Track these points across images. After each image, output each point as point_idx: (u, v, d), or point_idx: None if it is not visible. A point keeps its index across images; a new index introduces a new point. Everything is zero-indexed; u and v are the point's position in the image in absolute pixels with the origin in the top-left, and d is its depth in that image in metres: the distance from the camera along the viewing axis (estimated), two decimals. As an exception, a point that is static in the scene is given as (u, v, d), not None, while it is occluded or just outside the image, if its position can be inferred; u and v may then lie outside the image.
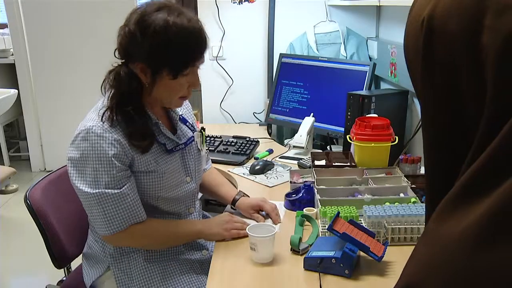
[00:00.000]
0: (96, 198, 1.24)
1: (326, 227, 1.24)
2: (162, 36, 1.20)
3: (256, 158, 2.05)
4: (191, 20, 1.25)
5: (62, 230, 1.50)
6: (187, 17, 1.25)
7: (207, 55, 3.07)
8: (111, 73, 1.29)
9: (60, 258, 1.48)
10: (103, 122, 1.24)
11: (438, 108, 0.48)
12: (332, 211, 1.34)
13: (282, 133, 2.62)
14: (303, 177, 1.70)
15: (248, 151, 2.07)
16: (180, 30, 1.22)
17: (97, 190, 1.23)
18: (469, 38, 0.43)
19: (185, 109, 1.55)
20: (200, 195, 2.03)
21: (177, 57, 1.24)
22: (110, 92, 1.28)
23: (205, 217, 1.61)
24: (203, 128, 1.53)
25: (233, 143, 2.15)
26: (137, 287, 1.33)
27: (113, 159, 1.23)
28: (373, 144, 1.66)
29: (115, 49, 1.28)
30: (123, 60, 1.29)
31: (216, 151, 2.10)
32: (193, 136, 1.47)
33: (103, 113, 1.26)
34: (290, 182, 1.64)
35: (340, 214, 1.29)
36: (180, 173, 1.41)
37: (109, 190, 1.24)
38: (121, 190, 1.25)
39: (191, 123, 1.52)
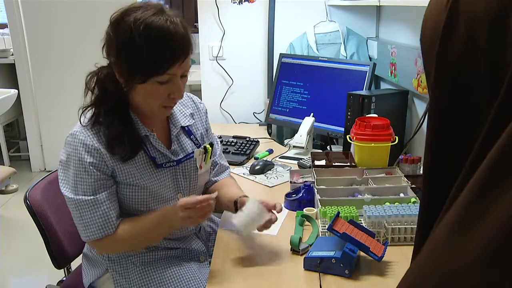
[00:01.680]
0: (75, 203, 1.24)
1: (326, 227, 1.24)
2: (128, 35, 1.13)
3: (256, 158, 2.05)
4: (169, 21, 1.14)
5: (62, 231, 1.50)
6: (166, 18, 1.15)
7: (207, 54, 3.06)
8: (91, 75, 1.27)
9: (60, 258, 1.48)
10: (85, 127, 1.23)
11: (451, 96, 0.46)
12: (332, 211, 1.34)
13: (282, 133, 2.62)
14: (303, 177, 1.70)
15: (248, 151, 2.07)
16: (149, 30, 1.13)
17: (75, 196, 1.24)
18: (495, 18, 0.41)
19: (197, 118, 1.47)
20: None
21: (144, 59, 1.14)
22: (91, 96, 1.26)
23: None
24: (211, 144, 1.43)
25: (233, 143, 2.15)
26: None
27: (90, 167, 1.22)
28: (373, 144, 1.66)
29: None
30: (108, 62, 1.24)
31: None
32: (193, 153, 1.38)
33: (81, 115, 1.25)
34: (290, 182, 1.64)
35: (340, 214, 1.29)
36: (170, 190, 1.35)
37: (85, 197, 1.23)
38: (96, 196, 1.23)
39: (198, 136, 1.44)
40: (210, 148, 1.41)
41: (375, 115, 1.82)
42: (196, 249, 1.43)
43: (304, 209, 1.44)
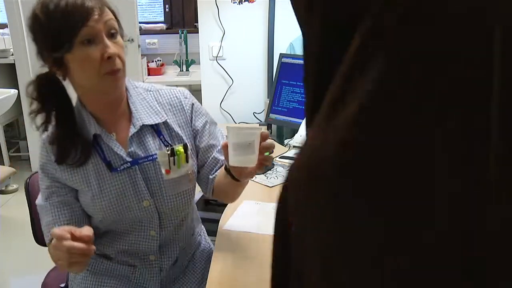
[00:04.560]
0: (38, 209, 1.24)
1: (326, 227, 1.24)
2: (33, 21, 1.13)
3: (256, 158, 2.05)
4: None
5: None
6: None
7: (207, 54, 3.04)
8: (29, 84, 1.24)
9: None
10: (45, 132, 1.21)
11: None
12: (332, 211, 1.34)
13: (282, 133, 2.62)
14: (303, 177, 1.70)
15: (248, 151, 2.07)
16: (46, 5, 1.08)
17: (37, 202, 1.24)
18: None
19: (176, 112, 1.27)
20: (197, 197, 1.99)
21: (56, 26, 1.09)
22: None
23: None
24: (185, 146, 1.21)
25: (233, 143, 2.15)
26: None
27: (40, 171, 1.23)
28: (373, 144, 1.65)
29: None
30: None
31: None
32: (155, 154, 1.19)
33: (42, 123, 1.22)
34: (290, 182, 1.64)
35: (340, 214, 1.28)
36: (131, 197, 1.19)
37: (42, 203, 1.22)
38: (46, 203, 1.20)
39: (174, 133, 1.24)
40: (182, 150, 1.19)
41: (375, 115, 1.81)
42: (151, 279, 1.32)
43: (304, 209, 1.44)
